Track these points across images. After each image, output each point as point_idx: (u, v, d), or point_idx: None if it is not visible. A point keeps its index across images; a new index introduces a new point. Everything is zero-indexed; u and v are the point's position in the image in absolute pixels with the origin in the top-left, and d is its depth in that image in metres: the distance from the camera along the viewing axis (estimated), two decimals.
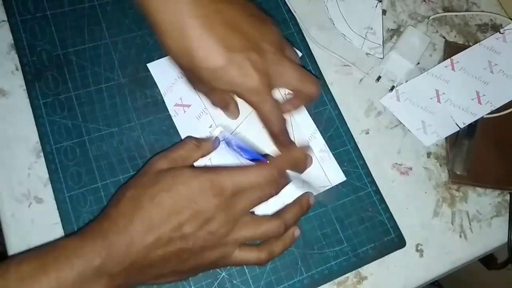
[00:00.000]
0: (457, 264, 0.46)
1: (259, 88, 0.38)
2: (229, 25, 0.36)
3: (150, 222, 0.33)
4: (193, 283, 0.40)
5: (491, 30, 0.57)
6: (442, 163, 0.50)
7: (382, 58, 0.52)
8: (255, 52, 0.37)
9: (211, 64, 0.36)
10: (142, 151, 0.43)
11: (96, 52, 0.46)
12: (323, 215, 0.44)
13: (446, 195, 0.48)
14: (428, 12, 0.56)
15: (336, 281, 0.43)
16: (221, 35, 0.36)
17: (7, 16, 0.46)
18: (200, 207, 0.34)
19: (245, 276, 0.41)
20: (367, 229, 0.45)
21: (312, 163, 0.44)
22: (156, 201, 0.33)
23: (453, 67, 0.52)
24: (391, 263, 0.45)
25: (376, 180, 0.47)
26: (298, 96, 0.42)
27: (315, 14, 0.53)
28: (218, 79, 0.37)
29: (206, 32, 0.35)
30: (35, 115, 0.43)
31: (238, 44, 0.36)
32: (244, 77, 0.37)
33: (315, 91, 0.41)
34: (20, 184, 0.41)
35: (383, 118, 0.50)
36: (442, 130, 0.50)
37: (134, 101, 0.45)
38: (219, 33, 0.36)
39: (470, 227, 0.48)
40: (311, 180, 0.45)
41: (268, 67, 0.38)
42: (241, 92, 0.38)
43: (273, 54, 0.38)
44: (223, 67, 0.36)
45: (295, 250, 0.43)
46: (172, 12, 0.35)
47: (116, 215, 0.34)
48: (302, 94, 0.42)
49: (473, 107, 0.51)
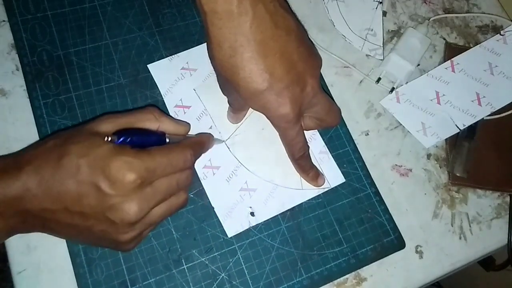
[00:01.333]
0: (457, 266, 0.46)
1: (289, 117, 0.38)
2: (280, 54, 0.36)
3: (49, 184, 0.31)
4: (192, 283, 0.40)
5: (491, 32, 0.57)
6: (442, 164, 0.50)
7: (382, 59, 0.52)
8: (297, 86, 0.38)
9: (252, 86, 0.36)
10: None
11: (96, 53, 0.46)
12: (322, 216, 0.44)
13: (446, 196, 0.48)
14: (428, 13, 0.56)
15: (335, 282, 0.43)
16: (271, 62, 0.36)
17: (8, 16, 0.46)
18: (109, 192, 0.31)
19: (244, 277, 0.41)
20: (366, 230, 0.45)
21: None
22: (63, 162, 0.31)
23: (453, 68, 0.52)
24: (391, 264, 0.45)
25: (376, 182, 0.47)
26: (320, 123, 0.43)
27: (315, 16, 0.53)
28: (254, 100, 0.38)
29: (257, 57, 0.36)
30: (36, 115, 0.43)
31: (283, 74, 0.37)
32: (279, 106, 0.37)
33: (336, 123, 0.44)
34: None
35: (383, 120, 0.50)
36: (442, 132, 0.50)
37: (134, 102, 0.45)
38: (269, 60, 0.36)
39: (470, 228, 0.48)
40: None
41: (303, 99, 0.39)
42: (270, 116, 0.39)
43: (311, 88, 0.39)
44: (263, 92, 0.37)
45: (294, 251, 0.43)
46: (231, 30, 0.35)
47: (25, 160, 0.32)
48: (324, 123, 0.43)
49: (473, 109, 0.51)
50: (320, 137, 0.47)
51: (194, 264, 0.41)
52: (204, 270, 0.41)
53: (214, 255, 0.42)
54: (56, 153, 0.32)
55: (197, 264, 0.41)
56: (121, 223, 0.32)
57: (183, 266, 0.41)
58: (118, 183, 0.31)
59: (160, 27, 0.48)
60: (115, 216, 0.32)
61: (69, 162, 0.31)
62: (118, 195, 0.31)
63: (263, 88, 0.36)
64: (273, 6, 0.36)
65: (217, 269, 0.41)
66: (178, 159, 0.35)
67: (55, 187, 0.31)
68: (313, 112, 0.41)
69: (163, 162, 0.34)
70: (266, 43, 0.36)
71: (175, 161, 0.35)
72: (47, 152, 0.33)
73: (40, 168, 0.31)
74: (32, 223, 0.33)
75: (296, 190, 0.44)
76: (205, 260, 0.41)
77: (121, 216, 0.32)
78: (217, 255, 0.42)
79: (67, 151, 0.32)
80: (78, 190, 0.31)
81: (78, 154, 0.32)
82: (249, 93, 0.37)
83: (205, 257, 0.41)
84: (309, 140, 0.46)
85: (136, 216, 0.32)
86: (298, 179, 0.45)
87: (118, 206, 0.32)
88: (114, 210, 0.32)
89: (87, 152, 0.32)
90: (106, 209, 0.32)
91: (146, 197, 0.33)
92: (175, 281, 0.40)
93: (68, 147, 0.32)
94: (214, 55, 0.37)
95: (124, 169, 0.31)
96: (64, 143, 0.32)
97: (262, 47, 0.36)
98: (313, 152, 0.46)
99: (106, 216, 0.32)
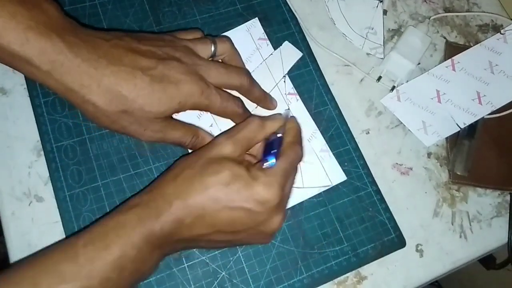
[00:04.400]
0: (457, 265, 0.46)
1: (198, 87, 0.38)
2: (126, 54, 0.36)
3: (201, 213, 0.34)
4: (193, 282, 0.40)
5: (492, 31, 0.57)
6: (442, 163, 0.50)
7: (382, 58, 0.52)
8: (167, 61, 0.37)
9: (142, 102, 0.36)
10: (142, 150, 0.43)
11: None
12: (323, 214, 0.44)
13: (447, 195, 0.48)
14: (429, 12, 0.56)
15: (336, 281, 0.43)
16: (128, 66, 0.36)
17: None
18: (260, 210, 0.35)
19: (245, 276, 0.41)
20: (367, 229, 0.45)
21: None
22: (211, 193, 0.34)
23: (453, 67, 0.52)
24: (391, 263, 0.45)
25: (377, 180, 0.47)
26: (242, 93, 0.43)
27: (316, 14, 0.53)
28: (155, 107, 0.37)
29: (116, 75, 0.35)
30: (36, 113, 0.43)
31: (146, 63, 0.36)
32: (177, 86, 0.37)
33: (240, 81, 0.42)
34: (21, 183, 0.41)
35: (384, 118, 0.50)
36: (442, 130, 0.50)
37: None
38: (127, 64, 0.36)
39: (470, 227, 0.48)
40: (312, 179, 0.45)
41: (191, 69, 0.38)
42: (184, 102, 0.38)
43: (187, 58, 0.38)
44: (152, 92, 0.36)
45: (295, 250, 0.43)
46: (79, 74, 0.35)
47: (172, 194, 0.34)
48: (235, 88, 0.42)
49: (474, 108, 0.51)
50: (321, 135, 0.47)
51: (195, 262, 0.41)
52: (205, 268, 0.41)
53: (214, 253, 0.41)
54: (199, 184, 0.34)
55: (197, 262, 0.41)
56: (270, 232, 0.36)
57: (183, 264, 0.41)
58: (267, 203, 0.34)
59: (160, 26, 0.48)
60: (267, 228, 0.36)
61: (217, 193, 0.34)
62: (267, 212, 0.35)
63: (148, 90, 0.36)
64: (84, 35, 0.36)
65: (218, 267, 0.41)
66: (295, 159, 0.38)
67: (207, 216, 0.34)
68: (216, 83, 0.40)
69: (288, 169, 0.37)
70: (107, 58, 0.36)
71: (295, 162, 0.38)
72: (188, 184, 0.34)
73: (189, 201, 0.34)
74: (182, 246, 0.37)
75: (297, 188, 0.44)
76: (206, 258, 0.41)
77: (271, 227, 0.36)
78: (217, 253, 0.42)
79: (211, 182, 0.34)
80: (231, 216, 0.34)
81: (223, 183, 0.34)
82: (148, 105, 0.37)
83: (205, 256, 0.41)
84: (310, 138, 0.46)
85: (281, 223, 0.36)
86: (299, 178, 0.45)
87: (268, 219, 0.35)
88: (266, 224, 0.35)
89: (230, 181, 0.34)
90: (258, 224, 0.35)
91: (284, 204, 0.37)
92: (175, 280, 0.40)
93: (210, 178, 0.34)
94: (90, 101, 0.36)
95: (267, 189, 0.34)
96: (203, 174, 0.34)
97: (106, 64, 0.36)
98: (314, 150, 0.46)
99: (258, 229, 0.36)
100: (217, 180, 0.34)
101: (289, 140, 0.39)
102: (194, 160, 0.36)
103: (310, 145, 0.46)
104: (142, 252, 0.33)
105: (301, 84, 0.49)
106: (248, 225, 0.35)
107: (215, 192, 0.34)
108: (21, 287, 0.30)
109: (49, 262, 0.31)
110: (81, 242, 0.32)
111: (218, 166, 0.35)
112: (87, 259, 0.31)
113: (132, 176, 0.42)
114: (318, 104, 0.48)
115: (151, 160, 0.43)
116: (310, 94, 0.49)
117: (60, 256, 0.32)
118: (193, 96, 0.38)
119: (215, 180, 0.34)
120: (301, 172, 0.45)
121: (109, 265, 0.31)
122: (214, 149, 0.37)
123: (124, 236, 0.32)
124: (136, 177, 0.42)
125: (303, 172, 0.45)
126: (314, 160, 0.46)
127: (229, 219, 0.34)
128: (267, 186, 0.34)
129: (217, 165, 0.35)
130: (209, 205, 0.34)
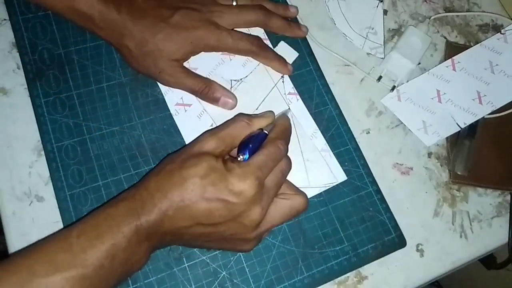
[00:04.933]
0: (458, 264, 0.46)
1: (207, 31, 0.43)
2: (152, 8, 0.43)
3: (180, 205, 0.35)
4: (193, 282, 0.40)
5: (492, 31, 0.57)
6: (443, 163, 0.50)
7: (383, 58, 0.52)
8: (183, 10, 0.43)
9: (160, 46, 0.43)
10: (143, 150, 0.44)
11: (97, 51, 0.46)
12: (323, 214, 0.44)
13: (447, 195, 0.48)
14: (429, 12, 0.56)
15: (336, 281, 0.43)
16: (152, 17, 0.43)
17: (9, 14, 0.46)
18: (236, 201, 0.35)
19: (245, 275, 0.41)
20: (367, 228, 0.45)
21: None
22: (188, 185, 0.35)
23: (454, 67, 0.52)
24: (392, 263, 0.45)
25: (377, 180, 0.47)
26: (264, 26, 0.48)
27: (316, 14, 0.53)
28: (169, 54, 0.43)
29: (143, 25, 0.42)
30: (36, 113, 0.43)
31: (166, 13, 0.43)
32: (188, 30, 0.43)
33: (255, 16, 0.47)
34: (21, 183, 0.41)
35: (384, 118, 0.50)
36: (443, 130, 0.50)
37: (135, 100, 0.45)
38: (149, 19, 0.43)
39: (470, 227, 0.48)
40: (314, 178, 0.45)
41: (204, 16, 0.44)
42: (196, 43, 0.44)
43: (203, 7, 0.44)
44: (167, 35, 0.43)
45: (295, 250, 0.43)
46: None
47: (154, 187, 0.36)
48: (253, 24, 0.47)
49: (474, 107, 0.51)
50: (321, 135, 0.47)
51: (195, 262, 0.41)
52: (205, 268, 0.41)
53: (215, 253, 0.42)
54: (178, 177, 0.35)
55: (198, 262, 0.41)
56: (250, 224, 0.36)
57: (184, 264, 0.41)
58: (242, 194, 0.35)
59: None
60: (245, 220, 0.36)
61: (193, 185, 0.35)
62: (244, 203, 0.35)
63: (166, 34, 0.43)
64: None
65: (218, 267, 0.41)
66: (274, 153, 0.38)
67: (187, 208, 0.35)
68: (231, 24, 0.45)
69: (265, 162, 0.37)
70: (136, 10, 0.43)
71: (273, 155, 0.38)
72: (169, 177, 0.36)
73: (168, 193, 0.35)
74: (168, 240, 0.37)
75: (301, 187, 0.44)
76: (206, 258, 0.41)
77: (250, 218, 0.36)
78: (218, 253, 0.42)
79: (188, 174, 0.35)
80: (208, 207, 0.35)
81: (200, 176, 0.35)
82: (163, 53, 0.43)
83: (206, 255, 0.41)
84: (310, 138, 0.46)
85: (261, 214, 0.37)
86: (299, 178, 0.45)
87: (246, 211, 0.36)
88: (244, 215, 0.36)
89: (207, 173, 0.35)
90: (236, 216, 0.36)
91: (263, 195, 0.37)
92: (176, 280, 0.40)
93: (187, 171, 0.35)
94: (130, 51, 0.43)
95: (242, 180, 0.35)
96: (182, 168, 0.36)
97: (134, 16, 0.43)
98: (315, 150, 0.46)
99: (237, 221, 0.36)
100: (193, 172, 0.35)
101: (272, 136, 0.40)
102: (177, 155, 0.38)
103: (312, 143, 0.46)
104: (131, 242, 0.34)
105: (302, 84, 0.49)
106: (226, 217, 0.35)
107: (191, 184, 0.35)
108: (18, 275, 0.31)
109: (45, 252, 0.33)
110: (74, 233, 0.33)
111: (196, 160, 0.36)
112: (81, 248, 0.33)
113: (133, 176, 0.42)
114: (319, 104, 0.48)
115: (152, 160, 0.43)
116: (310, 94, 0.49)
117: (55, 246, 0.33)
118: (203, 39, 0.44)
119: (192, 172, 0.35)
120: (306, 170, 0.45)
121: (101, 253, 0.33)
122: (196, 145, 0.38)
123: (114, 226, 0.34)
124: (136, 177, 0.43)
125: (308, 170, 0.45)
126: (316, 159, 0.46)
127: (207, 211, 0.35)
128: (241, 177, 0.35)
129: (196, 159, 0.36)
130: (187, 197, 0.35)
